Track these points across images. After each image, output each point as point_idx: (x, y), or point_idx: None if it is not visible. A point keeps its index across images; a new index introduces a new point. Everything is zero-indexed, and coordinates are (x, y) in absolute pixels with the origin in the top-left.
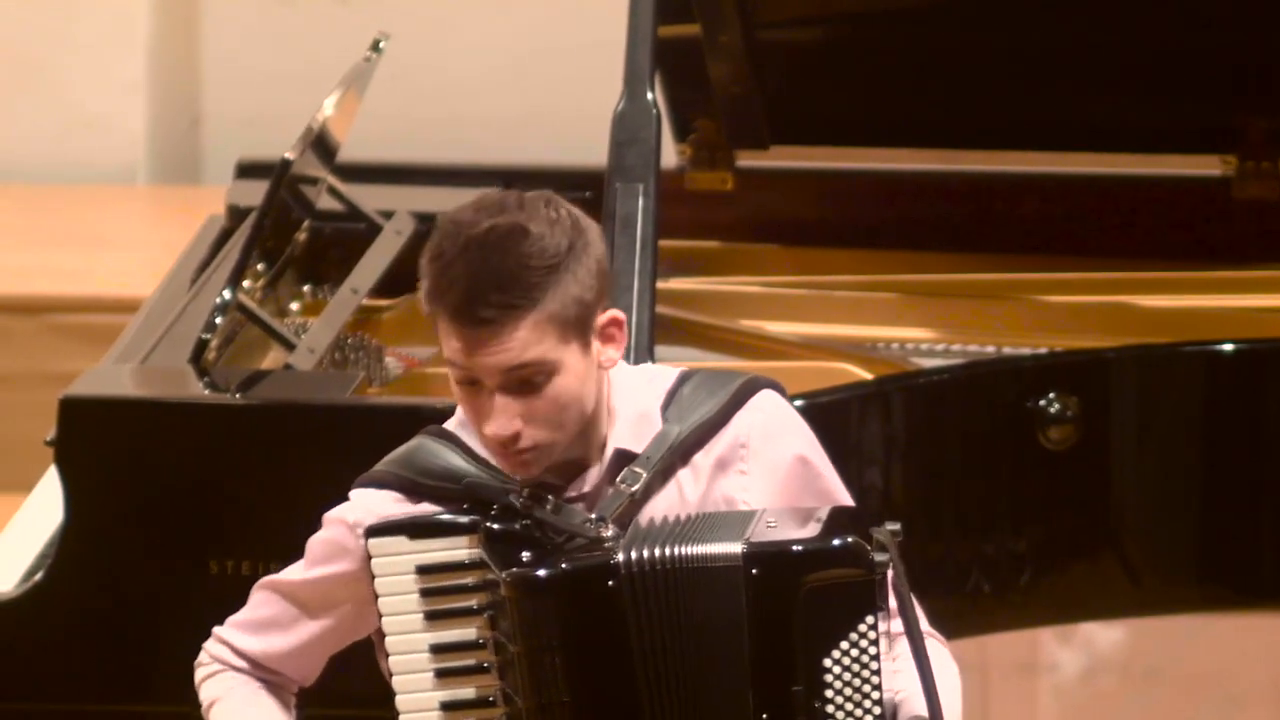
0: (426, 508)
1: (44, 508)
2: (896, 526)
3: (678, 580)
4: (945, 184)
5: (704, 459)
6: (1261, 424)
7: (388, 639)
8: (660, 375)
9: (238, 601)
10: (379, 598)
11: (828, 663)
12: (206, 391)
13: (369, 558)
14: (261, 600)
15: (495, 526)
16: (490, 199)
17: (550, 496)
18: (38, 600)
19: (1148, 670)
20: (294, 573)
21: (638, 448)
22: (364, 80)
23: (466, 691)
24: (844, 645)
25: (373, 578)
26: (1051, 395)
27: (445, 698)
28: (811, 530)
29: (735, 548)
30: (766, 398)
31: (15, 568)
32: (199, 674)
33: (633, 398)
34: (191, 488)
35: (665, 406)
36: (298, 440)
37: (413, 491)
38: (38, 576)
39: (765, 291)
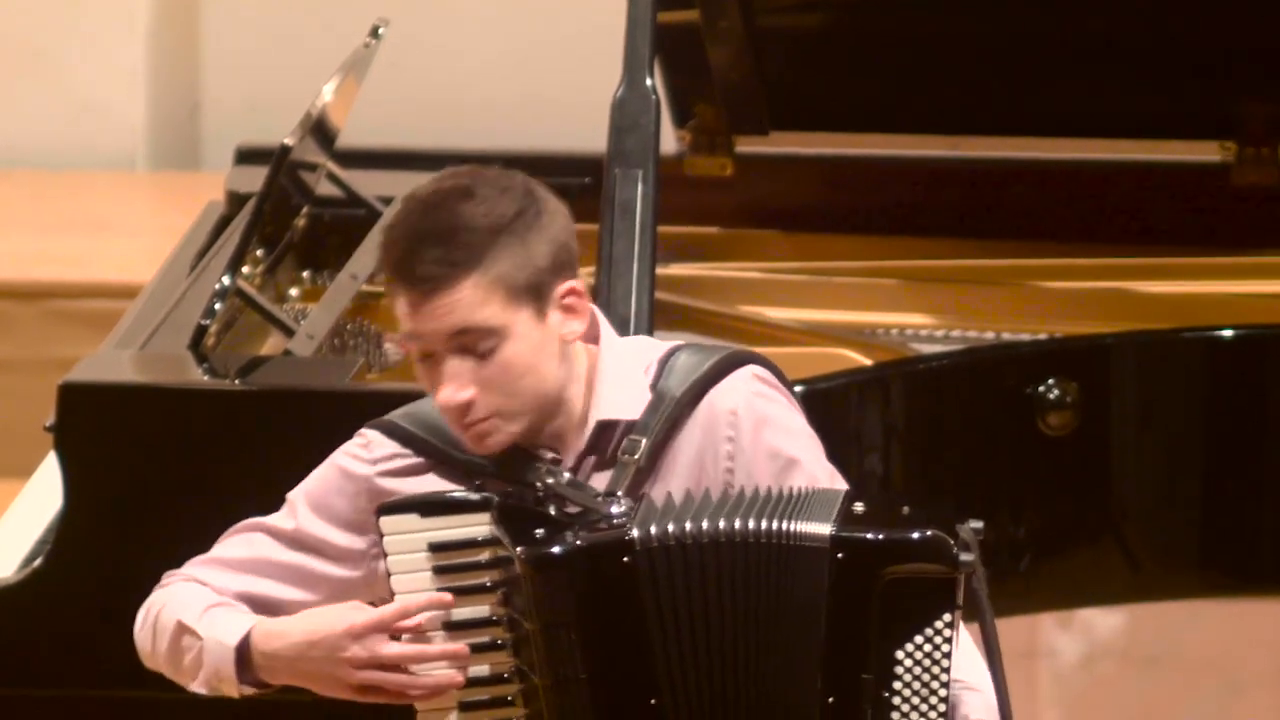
0: (432, 480)
1: (43, 494)
2: (979, 525)
3: (720, 557)
4: (945, 170)
5: (695, 422)
6: (1261, 410)
7: None
8: (652, 347)
9: None
10: (391, 575)
11: (900, 654)
12: (205, 377)
13: (381, 535)
14: (244, 541)
15: (508, 503)
16: (448, 171)
17: (566, 472)
18: (37, 586)
19: (1148, 656)
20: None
21: (625, 415)
22: (363, 66)
23: (481, 668)
24: (918, 639)
25: (385, 555)
26: (1051, 381)
27: None
28: (901, 519)
29: (824, 529)
30: (755, 373)
31: (14, 554)
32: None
33: (618, 367)
34: (190, 473)
35: (658, 376)
36: (297, 426)
37: (424, 451)
38: (37, 563)
39: (765, 277)
